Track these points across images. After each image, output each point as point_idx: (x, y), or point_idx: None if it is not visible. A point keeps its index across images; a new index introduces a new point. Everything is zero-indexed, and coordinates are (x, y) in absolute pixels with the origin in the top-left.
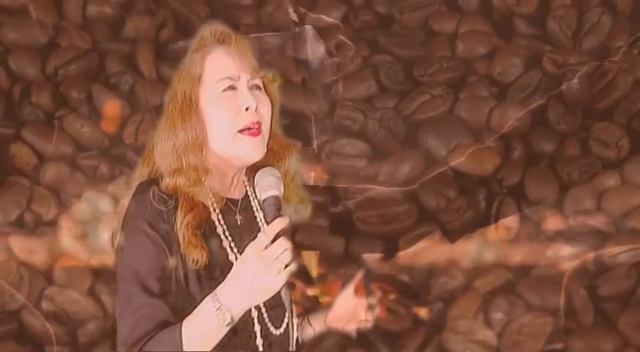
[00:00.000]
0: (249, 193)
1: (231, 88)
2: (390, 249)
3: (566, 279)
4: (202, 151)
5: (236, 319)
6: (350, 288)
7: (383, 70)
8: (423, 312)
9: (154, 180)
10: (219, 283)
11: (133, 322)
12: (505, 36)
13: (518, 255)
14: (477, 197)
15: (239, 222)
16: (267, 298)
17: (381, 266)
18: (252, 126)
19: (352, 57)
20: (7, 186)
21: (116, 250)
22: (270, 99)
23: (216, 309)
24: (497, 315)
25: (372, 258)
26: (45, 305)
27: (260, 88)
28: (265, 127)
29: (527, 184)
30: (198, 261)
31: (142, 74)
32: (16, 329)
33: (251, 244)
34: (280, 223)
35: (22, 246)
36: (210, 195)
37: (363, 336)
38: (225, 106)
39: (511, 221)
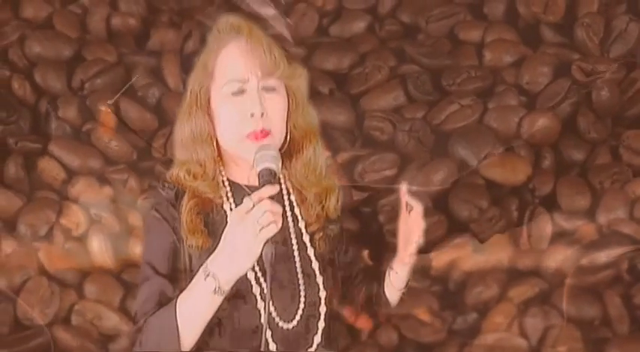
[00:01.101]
0: (283, 189)
1: (240, 90)
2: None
3: (601, 288)
4: (212, 144)
5: (225, 287)
6: (403, 210)
7: (411, 80)
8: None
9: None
10: None
11: (141, 300)
12: (532, 44)
13: (552, 264)
14: (509, 207)
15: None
16: (252, 262)
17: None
18: (257, 133)
19: (379, 67)
20: (36, 201)
21: None
22: (294, 95)
23: (205, 277)
24: (532, 325)
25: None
26: (75, 320)
27: (274, 89)
28: (276, 131)
29: (560, 193)
30: (196, 246)
31: (169, 87)
32: (46, 344)
33: (236, 208)
34: (268, 190)
35: (52, 261)
36: (227, 183)
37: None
38: (232, 110)
39: (544, 230)
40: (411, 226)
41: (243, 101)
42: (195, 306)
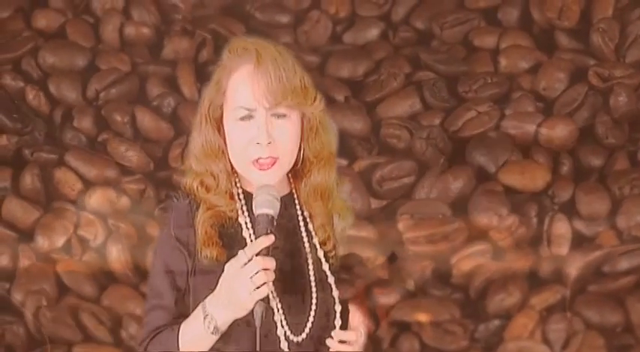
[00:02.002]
0: (293, 191)
1: (248, 117)
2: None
3: (623, 295)
4: (224, 158)
5: (222, 328)
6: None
7: (427, 87)
8: None
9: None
10: None
11: (145, 322)
12: (547, 50)
13: (573, 271)
14: (528, 213)
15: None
16: (245, 313)
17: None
18: (263, 160)
19: (395, 74)
20: (53, 212)
21: None
22: (308, 120)
23: (204, 317)
24: (555, 332)
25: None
26: (94, 330)
27: (284, 116)
28: (286, 159)
29: (579, 200)
30: (211, 257)
31: (184, 96)
32: None
33: (231, 260)
34: (263, 241)
35: (69, 272)
36: (242, 196)
37: None
38: (239, 136)
39: (564, 237)
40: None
41: (250, 128)
42: (195, 341)
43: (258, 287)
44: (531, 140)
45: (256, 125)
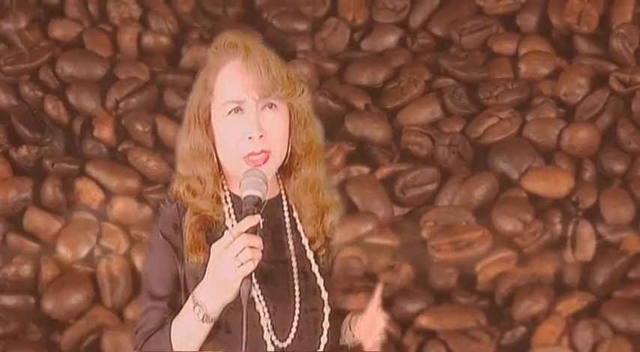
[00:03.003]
0: (281, 193)
1: (239, 109)
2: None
3: None
4: (212, 161)
5: (212, 315)
6: (375, 303)
7: (447, 94)
8: None
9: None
10: None
11: (140, 324)
12: (566, 56)
13: (599, 277)
14: (552, 219)
15: (260, 226)
16: (234, 295)
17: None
18: (256, 155)
19: (415, 81)
20: (75, 222)
21: None
22: (295, 112)
23: (193, 306)
24: (582, 339)
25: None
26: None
27: (274, 107)
28: (276, 151)
29: (603, 205)
30: (197, 262)
31: None
32: None
33: (216, 242)
34: (249, 221)
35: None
36: (229, 199)
37: None
38: (230, 131)
39: (588, 243)
40: (377, 319)
41: (240, 122)
42: (186, 332)
43: (242, 264)
44: (553, 146)
45: (247, 119)
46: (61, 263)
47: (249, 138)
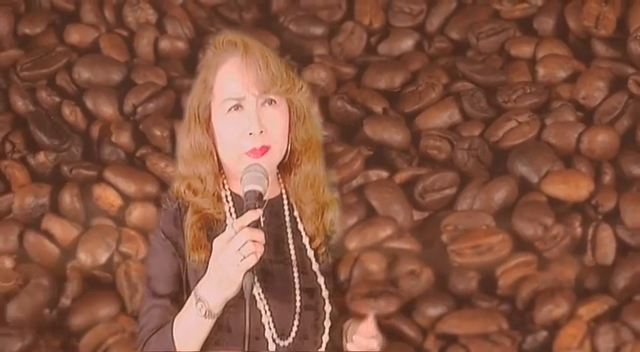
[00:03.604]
0: (282, 192)
1: (238, 106)
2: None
3: None
4: (212, 160)
5: (215, 310)
6: (370, 324)
7: (465, 98)
8: None
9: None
10: None
11: (142, 322)
12: (584, 59)
13: (620, 281)
14: (572, 223)
15: (262, 223)
16: (236, 290)
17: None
18: (257, 150)
19: (433, 85)
20: (94, 228)
21: None
22: (295, 108)
23: (196, 301)
24: (604, 343)
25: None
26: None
27: (273, 103)
28: (276, 146)
29: (623, 209)
30: (199, 260)
31: None
32: None
33: (218, 236)
34: (250, 215)
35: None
36: (230, 198)
37: None
38: (230, 128)
39: (609, 246)
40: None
41: (241, 119)
42: (189, 328)
43: (245, 257)
44: (572, 149)
45: (247, 115)
46: (82, 269)
47: (250, 134)
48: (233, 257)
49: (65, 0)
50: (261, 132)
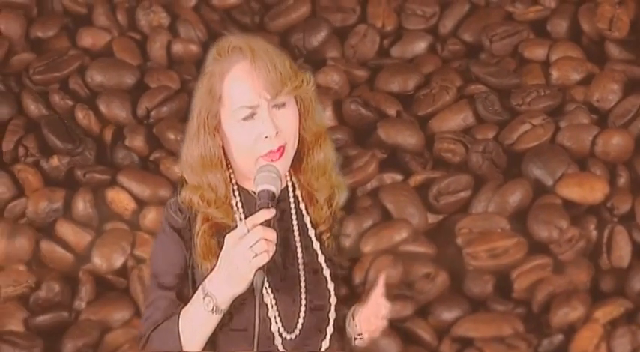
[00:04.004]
0: (288, 185)
1: (251, 114)
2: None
3: None
4: (222, 168)
5: (222, 306)
6: (378, 290)
7: (479, 100)
8: None
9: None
10: None
11: (147, 314)
12: (597, 61)
13: (636, 284)
14: (587, 226)
15: (274, 223)
16: (245, 286)
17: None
18: (274, 152)
19: (447, 88)
20: (108, 233)
21: None
22: (302, 101)
23: (203, 296)
24: (620, 346)
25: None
26: None
27: (284, 105)
28: (290, 143)
29: (638, 212)
30: (210, 268)
31: None
32: None
33: (230, 232)
34: (263, 214)
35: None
36: (237, 193)
37: None
38: (245, 134)
39: (624, 249)
40: (379, 306)
41: (255, 124)
42: (195, 323)
43: (257, 255)
44: (587, 152)
45: (261, 120)
46: (95, 273)
47: (266, 137)
48: (245, 254)
49: (77, 3)
50: (277, 133)
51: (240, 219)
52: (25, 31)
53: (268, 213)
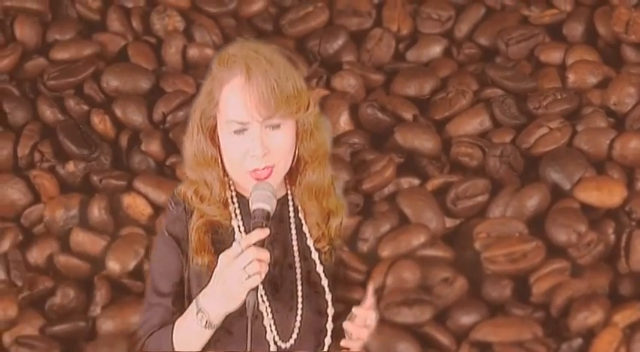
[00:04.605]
0: (288, 193)
1: (242, 130)
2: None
3: None
4: (217, 167)
5: (215, 322)
6: (369, 300)
7: (496, 104)
8: None
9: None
10: None
11: (145, 318)
12: (614, 65)
13: None
14: (606, 230)
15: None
16: (238, 305)
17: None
18: (260, 170)
19: (463, 92)
20: (122, 237)
21: None
22: (302, 124)
23: (196, 312)
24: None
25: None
26: None
27: (278, 126)
28: (281, 165)
29: None
30: (202, 264)
31: None
32: None
33: (225, 252)
34: (258, 234)
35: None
36: (235, 199)
37: None
38: (234, 148)
39: None
40: (367, 318)
41: (244, 140)
42: (188, 336)
43: (250, 276)
44: (605, 156)
45: (250, 138)
46: (110, 277)
47: (253, 156)
48: (238, 274)
49: (92, 9)
50: (265, 154)
51: (239, 226)
52: (40, 36)
53: (262, 233)
